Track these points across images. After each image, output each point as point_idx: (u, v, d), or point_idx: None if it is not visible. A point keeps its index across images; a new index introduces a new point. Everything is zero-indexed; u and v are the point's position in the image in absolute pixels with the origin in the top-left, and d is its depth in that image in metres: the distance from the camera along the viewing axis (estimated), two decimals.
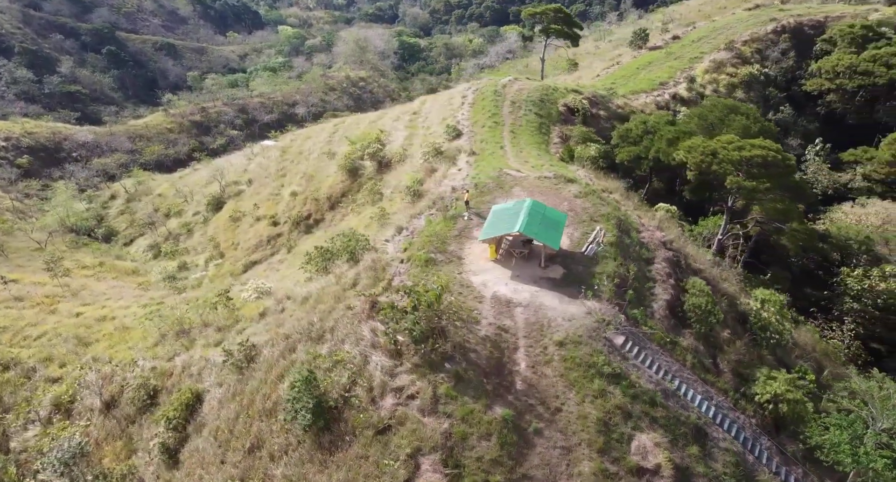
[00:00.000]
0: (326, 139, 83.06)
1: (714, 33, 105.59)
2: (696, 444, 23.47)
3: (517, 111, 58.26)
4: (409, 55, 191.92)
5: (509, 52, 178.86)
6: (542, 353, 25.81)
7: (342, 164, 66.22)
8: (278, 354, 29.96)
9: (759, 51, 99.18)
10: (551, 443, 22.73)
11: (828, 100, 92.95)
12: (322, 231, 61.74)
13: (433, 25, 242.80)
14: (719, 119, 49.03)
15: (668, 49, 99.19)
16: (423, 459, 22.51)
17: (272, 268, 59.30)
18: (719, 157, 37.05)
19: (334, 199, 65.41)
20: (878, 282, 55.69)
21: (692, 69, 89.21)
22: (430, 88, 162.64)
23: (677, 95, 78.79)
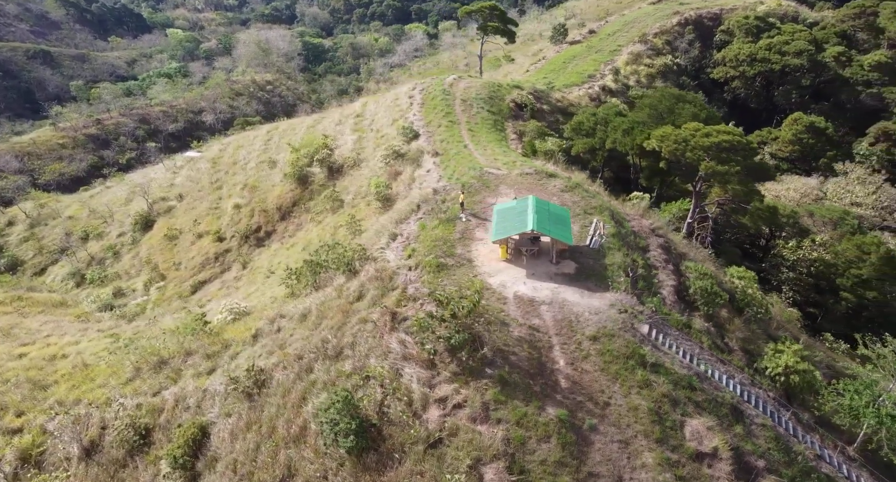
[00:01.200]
0: (262, 147, 79.69)
1: (626, 27, 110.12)
2: (738, 424, 24.18)
3: (470, 109, 58.13)
4: (315, 56, 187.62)
5: (416, 51, 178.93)
6: (578, 349, 25.77)
7: (289, 172, 63.69)
8: (293, 377, 28.30)
9: (669, 42, 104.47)
10: (608, 438, 22.72)
11: (733, 86, 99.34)
12: (277, 243, 59.17)
13: (335, 25, 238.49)
14: (668, 108, 51.05)
15: (588, 43, 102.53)
16: (485, 469, 21.89)
17: (229, 287, 56.18)
18: (691, 144, 38.53)
19: (285, 209, 62.82)
20: (809, 252, 59.90)
21: (614, 61, 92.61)
22: (341, 89, 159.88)
23: (605, 87, 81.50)
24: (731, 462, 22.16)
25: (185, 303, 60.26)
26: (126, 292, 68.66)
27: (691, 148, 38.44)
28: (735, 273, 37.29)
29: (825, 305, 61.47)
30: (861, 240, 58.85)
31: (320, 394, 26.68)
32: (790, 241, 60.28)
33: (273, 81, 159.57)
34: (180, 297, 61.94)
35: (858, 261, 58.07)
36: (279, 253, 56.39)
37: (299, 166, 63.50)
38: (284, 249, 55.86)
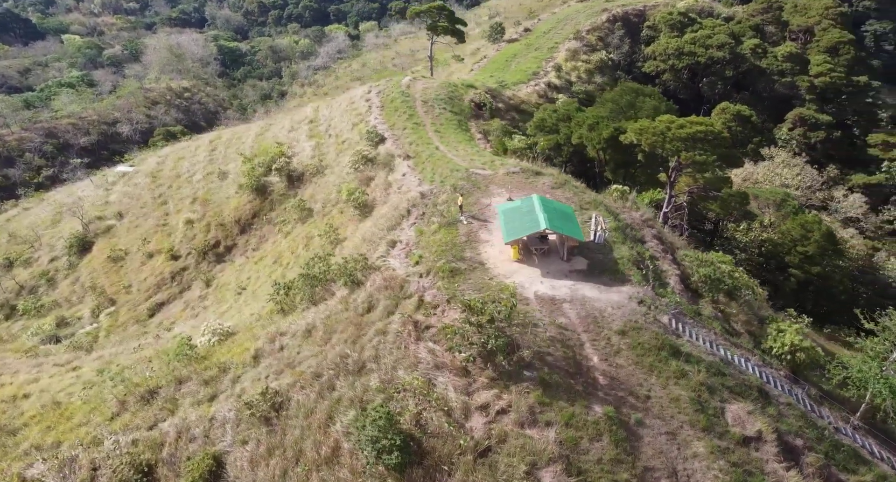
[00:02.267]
0: (207, 158, 76.22)
1: (560, 25, 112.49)
2: (770, 405, 24.92)
3: (432, 110, 57.59)
4: (232, 61, 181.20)
5: (339, 52, 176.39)
6: (608, 345, 25.88)
7: (245, 182, 61.10)
8: (315, 396, 27.01)
9: (602, 39, 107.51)
10: (655, 431, 22.90)
11: (664, 79, 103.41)
12: (241, 258, 56.64)
13: (249, 28, 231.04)
14: (629, 103, 52.39)
15: (527, 41, 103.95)
16: (542, 473, 21.59)
17: (195, 307, 53.27)
18: (668, 136, 39.61)
19: (244, 222, 60.26)
20: (759, 234, 63.01)
21: (554, 59, 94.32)
22: (264, 94, 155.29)
23: (551, 83, 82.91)
24: (775, 443, 22.80)
25: (144, 328, 56.80)
26: (70, 321, 64.01)
27: (669, 139, 39.56)
28: (717, 258, 38.54)
29: (776, 283, 64.65)
30: (804, 219, 62.44)
31: (348, 411, 25.62)
32: (741, 223, 63.18)
33: (191, 88, 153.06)
34: (137, 322, 58.26)
35: (803, 240, 61.36)
36: (246, 268, 53.97)
37: (255, 176, 61.03)
38: (252, 264, 53.50)
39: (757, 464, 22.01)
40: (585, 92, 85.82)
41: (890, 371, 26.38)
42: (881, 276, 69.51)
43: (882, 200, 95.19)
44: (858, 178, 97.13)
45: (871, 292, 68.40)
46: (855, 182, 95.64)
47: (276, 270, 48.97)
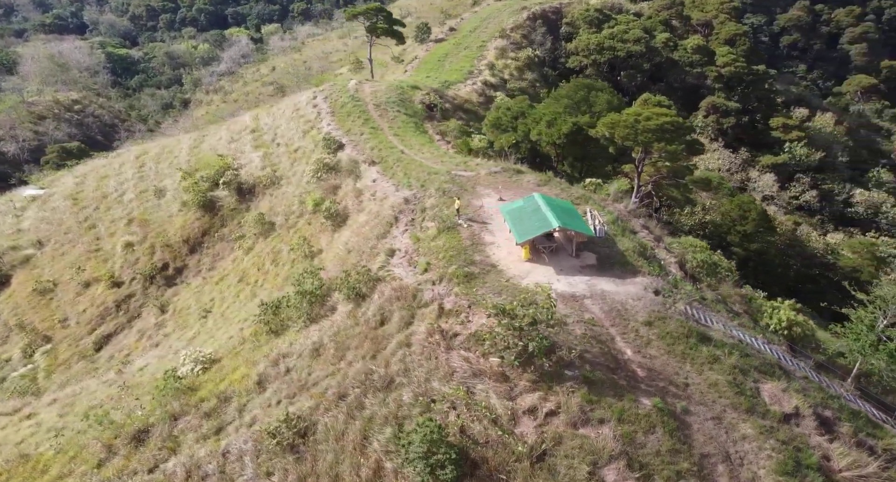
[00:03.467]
0: (136, 175, 71.29)
1: (484, 23, 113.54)
2: (793, 381, 26.03)
3: (386, 114, 56.46)
4: (123, 69, 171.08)
5: (244, 57, 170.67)
6: (638, 337, 26.21)
7: (191, 199, 57.60)
8: (344, 417, 25.72)
9: (526, 36, 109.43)
10: (701, 417, 23.37)
11: (587, 73, 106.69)
12: (197, 279, 53.34)
13: (138, 33, 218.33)
14: (583, 98, 53.52)
15: (455, 40, 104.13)
16: (605, 472, 21.53)
17: (152, 336, 49.58)
18: (639, 128, 40.73)
19: (194, 241, 56.83)
20: (702, 216, 66.24)
21: (485, 57, 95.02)
22: (166, 103, 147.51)
23: (487, 82, 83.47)
24: (813, 418, 23.83)
25: (93, 363, 52.47)
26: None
27: (641, 131, 40.72)
28: (688, 243, 40.07)
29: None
30: (741, 199, 66.27)
31: (384, 429, 24.55)
32: (685, 208, 66.23)
33: (81, 100, 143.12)
34: (83, 358, 53.66)
35: (741, 219, 64.97)
36: (206, 289, 50.81)
37: (201, 192, 57.62)
38: (212, 284, 50.45)
39: (802, 439, 22.92)
40: (520, 89, 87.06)
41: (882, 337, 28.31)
42: (808, 249, 74.93)
43: (788, 178, 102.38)
44: (767, 159, 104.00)
45: (799, 264, 73.59)
46: (764, 163, 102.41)
47: (244, 289, 46.42)
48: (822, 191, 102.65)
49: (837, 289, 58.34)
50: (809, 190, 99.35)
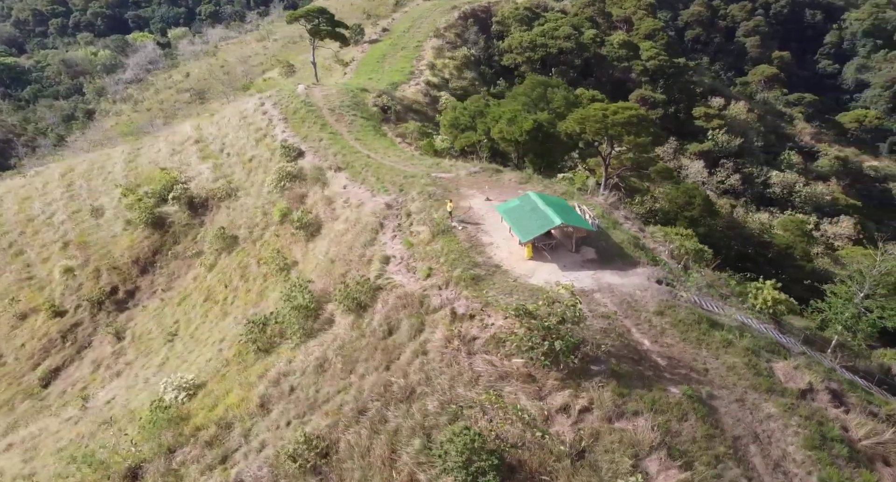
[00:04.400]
0: (64, 194, 66.53)
1: (416, 23, 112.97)
2: (795, 357, 27.20)
3: (342, 118, 55.10)
4: (12, 79, 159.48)
5: (151, 63, 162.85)
6: (651, 327, 26.71)
7: (137, 217, 54.28)
8: (367, 432, 24.83)
9: (459, 35, 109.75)
10: (725, 400, 24.03)
11: (522, 70, 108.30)
12: (154, 301, 50.20)
13: (25, 39, 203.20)
14: (540, 95, 54.09)
15: (390, 40, 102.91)
16: (647, 463, 21.78)
17: (111, 365, 46.26)
18: (608, 122, 41.58)
19: (144, 262, 53.53)
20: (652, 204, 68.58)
21: (423, 57, 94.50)
22: (67, 115, 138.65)
23: (430, 82, 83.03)
24: (826, 392, 24.98)
25: (42, 400, 48.35)
26: None
27: (611, 125, 41.58)
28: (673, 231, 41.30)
29: None
30: (686, 186, 69.08)
31: (411, 441, 23.92)
32: (635, 197, 68.43)
33: None
34: (29, 396, 49.52)
35: (688, 205, 67.71)
36: (166, 311, 47.88)
37: (147, 209, 54.18)
38: (173, 305, 47.62)
39: (821, 413, 23.99)
40: (461, 88, 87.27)
41: (860, 309, 30.20)
42: (746, 229, 79.11)
43: (713, 164, 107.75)
44: (693, 146, 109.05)
45: (739, 244, 77.60)
46: (692, 150, 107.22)
47: (212, 309, 44.06)
48: (743, 174, 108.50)
49: (772, 266, 61.37)
50: (733, 174, 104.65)
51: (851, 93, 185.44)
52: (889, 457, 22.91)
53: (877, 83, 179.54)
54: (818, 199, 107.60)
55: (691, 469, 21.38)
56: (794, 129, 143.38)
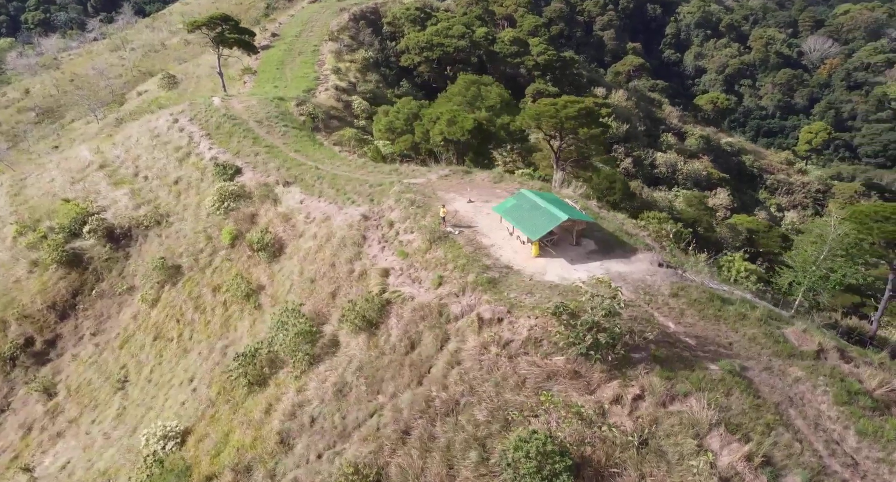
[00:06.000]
0: None
1: (307, 27, 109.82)
2: (801, 322, 29.32)
3: (273, 130, 52.38)
4: None
5: None
6: (671, 309, 27.85)
7: (48, 256, 48.50)
8: (418, 453, 24.10)
9: (354, 37, 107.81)
10: (756, 370, 25.50)
11: (420, 70, 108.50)
12: (87, 348, 45.23)
13: None
14: (475, 94, 54.49)
15: (284, 46, 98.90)
16: (709, 441, 22.74)
17: (47, 427, 40.99)
18: (562, 116, 42.69)
19: (63, 306, 48.14)
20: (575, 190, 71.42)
21: (323, 62, 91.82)
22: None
23: (338, 87, 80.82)
24: (835, 351, 27.21)
25: None
26: None
27: (565, 119, 42.73)
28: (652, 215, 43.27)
29: None
30: (606, 173, 72.65)
31: (466, 455, 23.48)
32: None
33: None
34: None
35: (609, 191, 71.32)
36: (105, 357, 43.21)
37: (58, 246, 48.47)
38: (114, 349, 43.13)
39: (837, 370, 26.10)
40: (370, 91, 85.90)
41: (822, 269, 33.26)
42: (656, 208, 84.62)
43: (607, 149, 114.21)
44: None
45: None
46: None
47: (167, 347, 40.35)
48: (633, 157, 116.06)
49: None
50: (626, 157, 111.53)
51: (693, 78, 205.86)
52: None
53: (711, 68, 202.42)
54: (697, 174, 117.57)
55: (750, 440, 22.51)
56: (664, 112, 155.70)
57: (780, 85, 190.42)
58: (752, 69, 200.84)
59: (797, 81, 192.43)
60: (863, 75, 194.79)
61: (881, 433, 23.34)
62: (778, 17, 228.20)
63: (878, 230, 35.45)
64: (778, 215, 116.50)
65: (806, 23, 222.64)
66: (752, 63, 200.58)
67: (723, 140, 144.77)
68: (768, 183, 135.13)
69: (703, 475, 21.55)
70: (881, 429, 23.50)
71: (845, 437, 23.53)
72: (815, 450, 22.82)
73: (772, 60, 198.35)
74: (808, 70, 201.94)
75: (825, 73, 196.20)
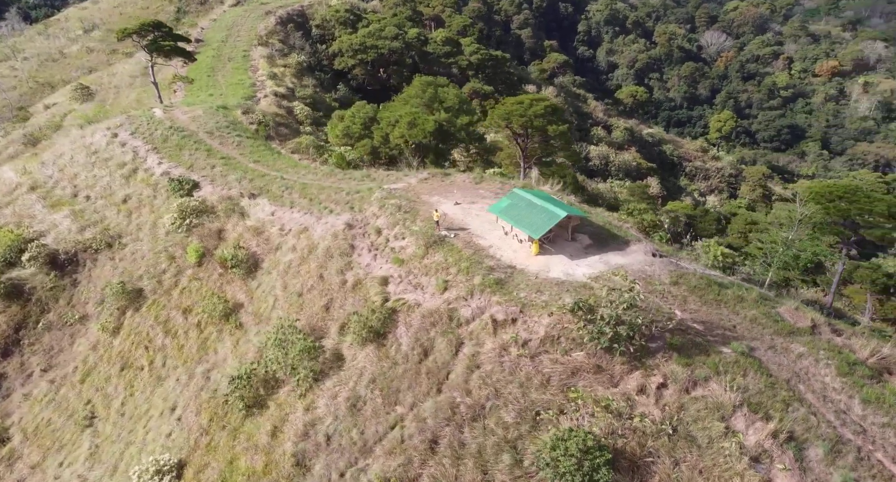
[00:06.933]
0: None
1: (232, 32, 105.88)
2: (792, 301, 30.72)
3: (226, 140, 50.06)
4: None
5: None
6: (674, 297, 28.70)
7: None
8: (449, 461, 23.80)
9: (284, 41, 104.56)
10: (762, 349, 26.61)
11: (355, 73, 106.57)
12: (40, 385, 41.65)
13: None
14: (432, 96, 54.04)
15: (211, 52, 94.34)
16: (734, 421, 23.58)
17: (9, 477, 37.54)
18: (529, 114, 43.00)
19: (5, 341, 44.61)
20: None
21: (256, 68, 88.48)
22: None
23: (277, 93, 78.06)
24: (826, 325, 28.67)
25: None
26: None
27: (533, 117, 43.04)
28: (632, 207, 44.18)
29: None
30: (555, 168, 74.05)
31: (499, 458, 23.41)
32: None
33: None
34: None
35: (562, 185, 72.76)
36: (64, 394, 40.06)
37: None
38: (76, 384, 40.01)
39: (833, 343, 27.55)
40: (310, 96, 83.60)
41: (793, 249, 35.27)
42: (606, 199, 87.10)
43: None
44: None
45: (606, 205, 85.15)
46: None
47: (137, 376, 37.76)
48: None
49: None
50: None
51: (606, 73, 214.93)
52: (891, 369, 27.18)
53: (622, 63, 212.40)
54: (628, 165, 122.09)
55: (771, 418, 23.42)
56: (590, 107, 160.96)
57: (685, 77, 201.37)
58: (658, 63, 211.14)
59: (699, 74, 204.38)
60: (754, 66, 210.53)
61: (883, 399, 24.86)
62: (677, 14, 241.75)
63: (834, 208, 37.85)
64: (700, 200, 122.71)
65: (702, 18, 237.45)
66: (658, 57, 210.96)
67: (644, 131, 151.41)
68: (687, 170, 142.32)
69: (735, 456, 22.23)
70: (882, 395, 25.01)
71: (851, 406, 24.85)
72: (828, 422, 23.99)
73: (675, 54, 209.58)
74: (708, 63, 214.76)
75: (722, 66, 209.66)
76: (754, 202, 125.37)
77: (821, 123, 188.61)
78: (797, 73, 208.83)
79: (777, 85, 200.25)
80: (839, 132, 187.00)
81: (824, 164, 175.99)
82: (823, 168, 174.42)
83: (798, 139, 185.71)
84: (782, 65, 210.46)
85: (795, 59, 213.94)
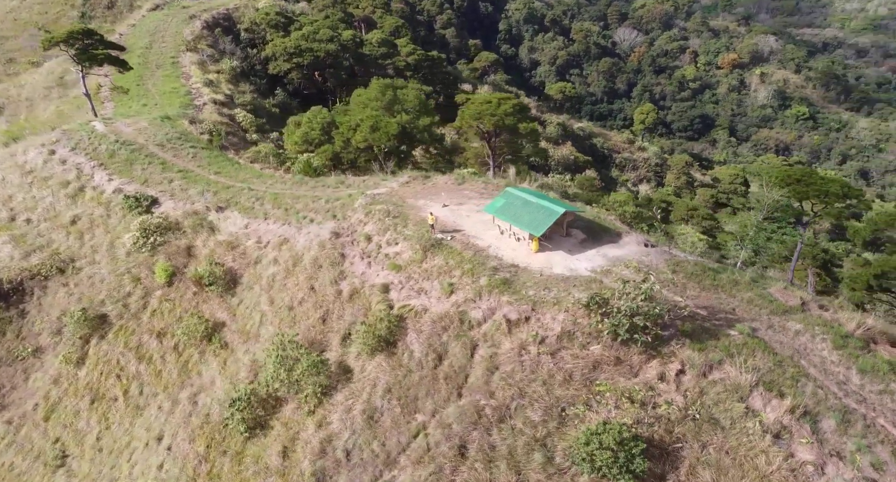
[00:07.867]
0: None
1: (155, 37, 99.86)
2: (780, 281, 31.94)
3: (180, 153, 47.24)
4: None
5: None
6: (674, 285, 29.43)
7: None
8: (481, 466, 23.51)
9: (213, 46, 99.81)
10: (763, 329, 27.51)
11: (291, 77, 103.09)
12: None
13: None
14: (392, 98, 52.91)
15: (136, 60, 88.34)
16: (752, 400, 24.27)
17: None
18: (499, 113, 42.78)
19: None
20: None
21: (188, 75, 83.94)
22: None
23: (216, 100, 74.36)
24: (814, 302, 29.96)
25: None
26: None
27: (504, 115, 42.86)
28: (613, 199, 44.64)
29: None
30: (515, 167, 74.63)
31: (531, 457, 23.26)
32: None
33: None
34: None
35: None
36: (27, 434, 36.44)
37: None
38: (40, 422, 36.57)
39: (823, 319, 28.77)
40: (250, 103, 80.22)
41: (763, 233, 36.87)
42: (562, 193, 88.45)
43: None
44: None
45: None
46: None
47: (111, 408, 35.04)
48: None
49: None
50: None
51: (529, 70, 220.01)
52: (876, 339, 28.72)
53: (544, 60, 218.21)
54: (566, 159, 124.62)
55: (784, 395, 24.22)
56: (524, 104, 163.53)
57: (604, 72, 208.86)
58: (578, 59, 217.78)
59: (616, 69, 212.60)
60: (664, 60, 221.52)
61: (877, 368, 26.18)
62: (591, 12, 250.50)
63: (793, 191, 39.82)
64: (634, 190, 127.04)
65: (613, 16, 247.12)
66: (577, 54, 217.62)
67: (576, 126, 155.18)
68: (617, 161, 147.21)
69: (758, 435, 22.83)
70: (875, 364, 26.35)
71: (849, 377, 26.05)
72: (834, 394, 25.04)
73: (593, 51, 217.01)
74: (623, 58, 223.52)
75: (636, 60, 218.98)
76: (679, 189, 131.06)
77: (727, 112, 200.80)
78: (702, 65, 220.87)
79: (686, 77, 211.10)
80: (743, 120, 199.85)
81: (733, 150, 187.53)
82: (733, 154, 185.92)
83: (708, 128, 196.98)
84: (689, 58, 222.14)
85: (700, 52, 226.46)
